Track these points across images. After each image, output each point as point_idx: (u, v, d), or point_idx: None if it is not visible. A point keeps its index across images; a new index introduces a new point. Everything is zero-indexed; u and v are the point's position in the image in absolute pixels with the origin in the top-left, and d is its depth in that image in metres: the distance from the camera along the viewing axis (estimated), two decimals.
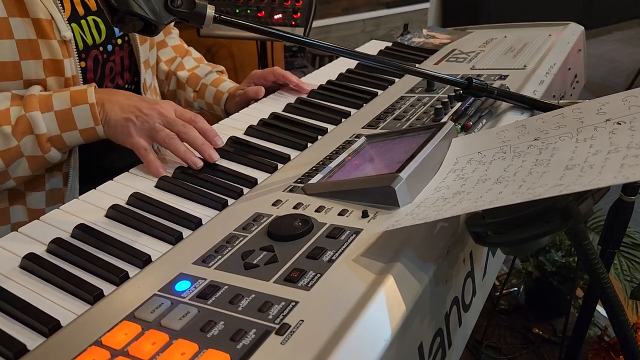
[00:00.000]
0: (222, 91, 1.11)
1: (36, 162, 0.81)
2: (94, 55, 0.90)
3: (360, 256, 0.52)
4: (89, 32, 0.88)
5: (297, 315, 0.46)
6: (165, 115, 0.79)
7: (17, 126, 0.77)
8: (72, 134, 0.80)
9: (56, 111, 0.79)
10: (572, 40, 1.19)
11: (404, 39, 1.40)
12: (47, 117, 0.79)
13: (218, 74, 1.16)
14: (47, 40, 0.81)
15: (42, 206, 0.88)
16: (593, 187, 0.42)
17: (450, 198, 0.56)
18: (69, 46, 0.83)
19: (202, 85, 1.13)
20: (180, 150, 0.77)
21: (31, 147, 0.79)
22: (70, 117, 0.79)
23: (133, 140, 0.78)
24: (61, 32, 0.82)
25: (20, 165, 0.80)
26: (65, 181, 0.89)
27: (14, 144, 0.78)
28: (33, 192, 0.87)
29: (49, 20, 0.81)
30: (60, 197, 0.89)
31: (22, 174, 0.81)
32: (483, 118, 0.82)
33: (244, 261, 0.54)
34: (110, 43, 0.93)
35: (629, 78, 4.14)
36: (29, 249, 0.60)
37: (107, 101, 0.80)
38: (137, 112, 0.79)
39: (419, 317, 0.49)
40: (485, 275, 0.68)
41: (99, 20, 0.90)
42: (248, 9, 1.32)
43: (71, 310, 0.52)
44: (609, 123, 0.56)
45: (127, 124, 0.78)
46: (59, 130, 0.79)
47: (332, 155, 0.77)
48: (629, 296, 1.54)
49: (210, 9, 0.66)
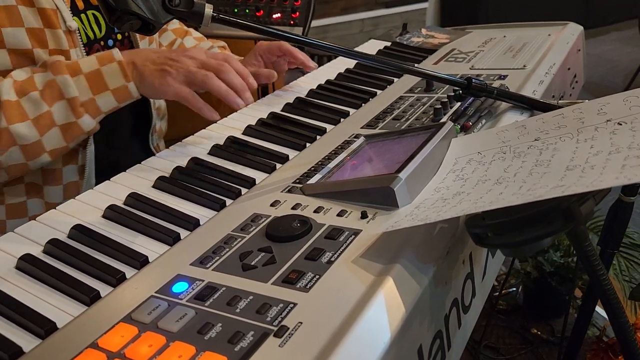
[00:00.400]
0: None
1: (70, 131, 0.78)
2: (97, 49, 0.89)
3: (359, 257, 0.52)
4: (89, 27, 0.88)
5: (295, 317, 0.45)
6: (198, 58, 0.79)
7: (46, 90, 0.75)
8: (105, 95, 0.78)
9: (85, 73, 0.77)
10: (571, 40, 1.19)
11: (403, 38, 1.39)
12: (77, 80, 0.77)
13: (220, 49, 1.14)
14: (53, 30, 0.80)
15: (60, 200, 0.88)
16: (594, 188, 0.42)
17: (450, 199, 0.55)
18: (74, 36, 0.83)
19: None
20: (222, 88, 0.77)
21: (64, 113, 0.76)
22: (100, 77, 0.78)
23: (174, 89, 0.77)
24: (66, 22, 0.81)
25: (54, 135, 0.77)
26: (82, 174, 0.88)
27: (45, 109, 0.75)
28: (50, 186, 0.87)
29: (54, 9, 0.80)
30: (76, 191, 0.89)
31: (56, 146, 0.78)
32: (482, 118, 0.82)
33: (242, 262, 0.54)
34: (111, 38, 0.92)
35: (627, 78, 4.14)
36: (25, 249, 0.59)
37: (136, 58, 0.80)
38: (169, 61, 0.79)
39: (419, 319, 0.49)
40: (484, 277, 0.68)
41: (98, 15, 0.90)
42: (247, 8, 1.31)
43: (67, 312, 0.51)
44: (610, 123, 0.56)
45: (164, 75, 0.78)
46: (91, 93, 0.77)
47: (331, 156, 0.76)
48: (627, 297, 1.54)
49: (209, 8, 0.66)
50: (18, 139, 0.74)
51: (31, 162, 0.78)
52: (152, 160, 0.80)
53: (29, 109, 0.75)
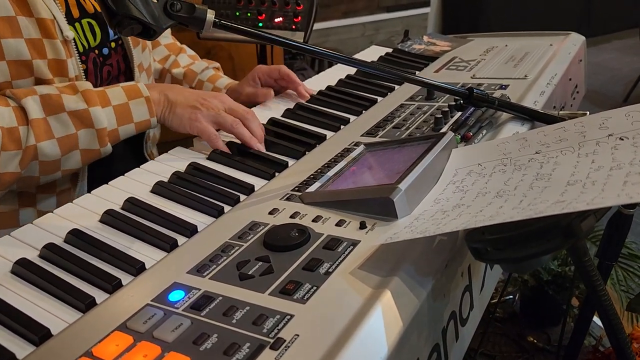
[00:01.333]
0: (219, 87, 1.10)
1: (89, 155, 0.81)
2: (93, 58, 0.90)
3: (357, 269, 0.52)
4: (83, 35, 0.88)
5: (292, 329, 0.45)
6: (226, 103, 0.85)
7: (76, 115, 0.77)
8: (128, 126, 0.82)
9: (114, 106, 0.81)
10: (573, 51, 1.19)
11: (405, 45, 1.39)
12: (107, 111, 0.80)
13: (214, 70, 1.16)
14: (51, 40, 0.81)
15: (53, 208, 0.88)
16: (596, 206, 0.41)
17: (450, 211, 0.55)
18: (70, 46, 0.83)
19: (198, 81, 1.12)
20: (245, 135, 0.82)
21: (88, 140, 0.79)
22: (127, 111, 0.82)
23: (201, 126, 0.82)
24: (63, 32, 0.82)
25: (74, 157, 0.80)
26: (75, 183, 0.89)
27: (72, 131, 0.78)
28: (44, 195, 0.87)
29: (52, 20, 0.81)
30: (70, 200, 0.88)
31: (72, 167, 0.81)
32: (483, 128, 0.81)
33: (239, 271, 0.54)
34: (106, 46, 0.92)
35: (627, 87, 4.15)
36: (21, 253, 0.59)
37: (170, 92, 0.85)
38: (201, 100, 0.84)
39: (416, 333, 0.49)
40: (483, 289, 0.67)
41: (94, 23, 0.90)
42: (248, 12, 1.31)
43: (62, 319, 0.51)
44: (612, 138, 0.55)
45: (195, 111, 0.83)
46: (117, 124, 0.81)
47: (331, 164, 0.76)
48: (625, 308, 1.54)
49: (210, 14, 0.65)
50: (41, 155, 0.76)
51: (43, 177, 0.80)
52: (150, 165, 0.79)
53: (55, 128, 0.77)
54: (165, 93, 0.85)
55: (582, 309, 1.06)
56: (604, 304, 0.56)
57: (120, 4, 0.60)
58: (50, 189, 0.87)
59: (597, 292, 0.54)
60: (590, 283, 0.54)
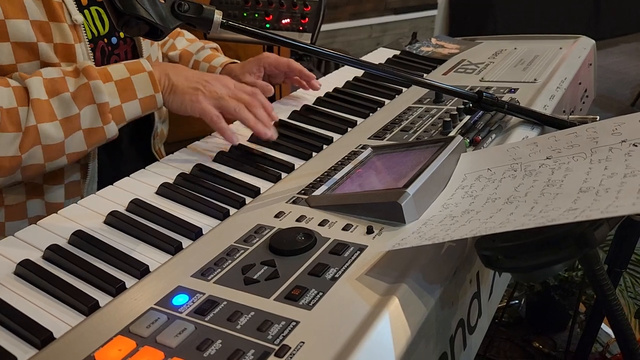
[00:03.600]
0: (214, 66, 1.08)
1: (94, 135, 0.78)
2: (101, 46, 0.88)
3: (364, 275, 0.51)
4: (93, 23, 0.87)
5: (297, 336, 0.44)
6: (230, 88, 0.82)
7: (77, 93, 0.75)
8: (132, 103, 0.80)
9: (116, 80, 0.78)
10: (583, 55, 1.18)
11: (413, 47, 1.38)
12: (108, 86, 0.78)
13: (212, 50, 1.13)
14: (58, 24, 0.79)
15: (61, 200, 0.87)
16: (610, 215, 0.40)
17: (459, 217, 0.54)
18: (79, 31, 0.82)
19: (194, 62, 1.10)
20: (250, 120, 0.80)
21: (92, 117, 0.77)
22: (130, 86, 0.79)
23: (203, 107, 0.80)
24: (72, 15, 0.80)
25: (78, 138, 0.77)
26: (84, 174, 0.87)
27: (75, 111, 0.75)
28: (52, 186, 0.86)
29: (60, 2, 0.79)
30: (78, 191, 0.88)
31: (76, 150, 0.78)
32: (492, 132, 0.80)
33: (244, 276, 0.53)
34: (114, 36, 0.91)
35: (635, 90, 4.12)
36: (24, 254, 0.58)
37: (171, 71, 0.83)
38: (203, 82, 0.82)
39: (424, 341, 0.48)
40: (491, 296, 0.66)
41: (102, 11, 0.88)
42: (256, 12, 1.30)
43: (65, 321, 0.50)
44: (625, 144, 0.54)
45: (196, 92, 0.81)
46: (120, 100, 0.79)
47: (337, 167, 0.75)
48: (633, 315, 1.52)
49: (218, 15, 0.65)
50: (43, 138, 0.74)
51: (48, 163, 0.77)
52: (156, 166, 0.79)
53: (58, 109, 0.74)
54: (166, 73, 0.83)
55: (590, 315, 1.05)
56: (615, 312, 0.55)
57: (128, 4, 0.60)
58: (57, 179, 0.85)
59: (609, 300, 0.53)
60: (601, 291, 0.53)
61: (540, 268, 0.44)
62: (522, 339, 1.77)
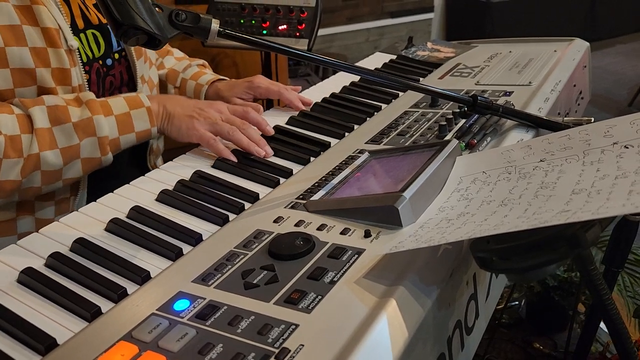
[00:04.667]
0: (201, 84, 1.10)
1: (90, 164, 0.82)
2: (96, 68, 0.90)
3: (362, 278, 0.52)
4: (88, 46, 0.89)
5: (297, 339, 0.45)
6: (223, 112, 0.87)
7: (80, 125, 0.79)
8: (129, 136, 0.84)
9: (116, 115, 0.82)
10: (577, 57, 1.19)
11: (409, 52, 1.39)
12: (109, 120, 0.81)
13: (199, 67, 1.15)
14: (55, 49, 0.81)
15: (52, 216, 0.88)
16: (601, 216, 0.41)
17: (455, 219, 0.55)
18: (74, 55, 0.84)
19: (181, 80, 1.13)
20: (243, 142, 0.84)
21: (90, 149, 0.81)
22: (129, 120, 0.83)
23: (199, 133, 0.85)
24: (68, 41, 0.83)
25: (75, 166, 0.81)
26: (75, 191, 0.89)
27: (76, 142, 0.79)
28: (43, 203, 0.87)
29: (57, 29, 0.81)
30: (68, 208, 0.89)
31: (73, 176, 0.82)
32: (488, 136, 0.81)
33: (244, 280, 0.54)
34: (110, 57, 0.93)
35: (632, 90, 4.14)
36: (27, 262, 0.59)
37: (168, 103, 0.87)
38: (198, 110, 0.87)
39: (422, 342, 0.48)
40: (488, 297, 0.67)
41: (98, 34, 0.91)
42: (253, 19, 1.31)
43: (68, 328, 0.51)
44: (617, 146, 0.55)
45: (191, 120, 0.86)
46: (118, 133, 0.83)
47: (335, 171, 0.76)
48: (631, 314, 1.53)
49: (215, 23, 0.66)
50: (43, 164, 0.77)
51: (45, 186, 0.80)
52: (155, 173, 0.80)
53: (60, 138, 0.78)
54: (163, 104, 0.87)
55: (589, 315, 1.06)
56: (610, 312, 0.55)
57: (126, 14, 0.61)
58: (49, 197, 0.87)
59: (603, 300, 0.54)
60: (596, 291, 0.53)
61: (533, 269, 0.45)
62: (523, 340, 1.78)
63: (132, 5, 0.60)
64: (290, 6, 1.31)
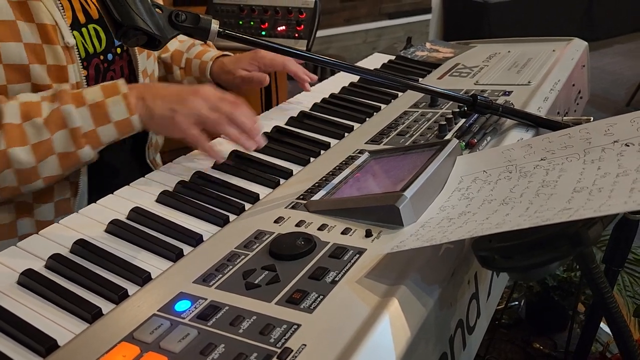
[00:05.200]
0: (205, 61, 1.08)
1: (68, 160, 0.77)
2: (95, 63, 0.89)
3: (363, 278, 0.52)
4: (90, 41, 0.88)
5: (299, 339, 0.45)
6: (209, 100, 0.78)
7: (50, 119, 0.75)
8: (107, 127, 0.78)
9: (89, 104, 0.77)
10: (576, 56, 1.19)
11: (407, 52, 1.39)
12: (81, 111, 0.76)
13: (202, 46, 1.13)
14: (51, 46, 0.80)
15: (51, 217, 0.87)
16: (603, 214, 0.41)
17: (456, 218, 0.55)
18: (72, 52, 0.83)
19: (186, 60, 1.10)
20: (232, 134, 0.77)
21: (64, 142, 0.76)
22: (104, 109, 0.77)
23: (183, 128, 0.77)
24: (65, 38, 0.81)
25: (51, 162, 0.76)
26: (75, 192, 0.88)
27: (47, 136, 0.75)
28: (41, 204, 0.86)
29: (54, 25, 0.80)
30: (69, 208, 0.88)
31: (51, 173, 0.78)
32: (487, 135, 0.81)
33: (245, 281, 0.54)
34: (111, 52, 0.92)
35: (630, 90, 4.15)
36: (27, 264, 0.59)
37: (147, 94, 0.79)
38: (181, 99, 0.78)
39: (424, 342, 0.48)
40: (489, 296, 0.67)
41: (99, 28, 0.90)
42: (251, 20, 1.31)
43: (69, 329, 0.51)
44: (617, 144, 0.55)
45: (173, 115, 0.77)
46: (94, 124, 0.77)
47: (335, 171, 0.76)
48: (632, 314, 1.53)
49: (215, 24, 0.66)
50: (14, 162, 0.74)
51: (24, 186, 0.77)
52: (155, 174, 0.80)
53: (30, 134, 0.74)
54: (142, 97, 0.79)
55: (589, 315, 1.06)
56: (611, 310, 0.55)
57: (126, 15, 0.61)
58: (47, 197, 0.86)
59: (605, 299, 0.54)
60: (597, 290, 0.53)
61: (536, 267, 0.45)
62: (523, 340, 1.78)
63: (132, 6, 0.60)
64: (288, 7, 1.31)
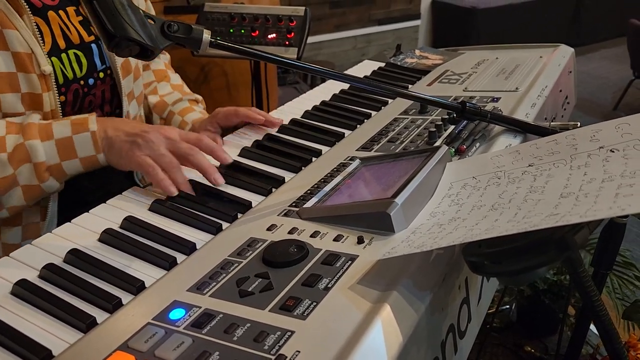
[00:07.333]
0: (186, 121, 1.06)
1: (32, 192, 0.79)
2: (75, 89, 0.88)
3: (356, 284, 0.52)
4: (70, 66, 0.86)
5: (293, 345, 0.45)
6: (171, 138, 0.78)
7: (14, 154, 0.76)
8: (72, 162, 0.79)
9: (57, 140, 0.78)
10: (562, 62, 1.21)
11: (397, 59, 1.41)
12: (47, 145, 0.77)
13: (190, 102, 1.11)
14: (26, 74, 0.79)
15: (18, 241, 0.87)
16: (589, 219, 0.42)
17: (446, 224, 0.56)
18: (48, 80, 0.82)
19: (169, 112, 1.09)
20: (179, 182, 0.76)
21: (27, 175, 0.77)
22: (70, 145, 0.78)
23: (139, 160, 0.76)
24: (41, 66, 0.80)
25: (15, 194, 0.78)
26: (44, 216, 0.87)
27: (10, 172, 0.76)
28: (9, 227, 0.85)
29: (29, 54, 0.79)
30: (36, 232, 0.87)
31: (16, 204, 0.79)
32: (477, 141, 0.83)
33: (239, 288, 0.54)
34: (92, 77, 0.91)
35: (616, 95, 4.20)
36: (20, 274, 0.59)
37: (110, 127, 0.79)
38: (142, 134, 0.78)
39: (416, 347, 0.49)
40: (480, 301, 0.68)
41: (81, 53, 0.88)
42: (242, 28, 1.32)
43: (63, 339, 0.51)
44: (603, 150, 0.57)
45: (132, 147, 0.77)
46: (59, 159, 0.78)
47: (327, 179, 0.77)
48: (620, 316, 1.55)
49: (207, 34, 0.66)
50: None
51: None
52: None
53: None
54: (105, 129, 0.80)
55: (579, 318, 1.07)
56: (599, 314, 0.56)
57: (118, 26, 0.61)
58: (16, 221, 0.85)
59: (593, 302, 0.55)
60: (585, 293, 0.54)
61: (524, 272, 0.46)
62: (514, 344, 1.79)
63: (125, 16, 0.61)
64: (279, 15, 1.33)
